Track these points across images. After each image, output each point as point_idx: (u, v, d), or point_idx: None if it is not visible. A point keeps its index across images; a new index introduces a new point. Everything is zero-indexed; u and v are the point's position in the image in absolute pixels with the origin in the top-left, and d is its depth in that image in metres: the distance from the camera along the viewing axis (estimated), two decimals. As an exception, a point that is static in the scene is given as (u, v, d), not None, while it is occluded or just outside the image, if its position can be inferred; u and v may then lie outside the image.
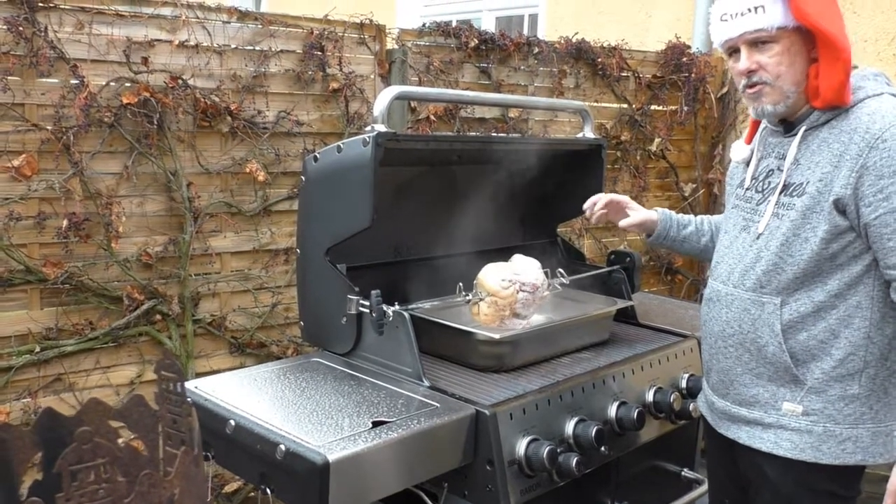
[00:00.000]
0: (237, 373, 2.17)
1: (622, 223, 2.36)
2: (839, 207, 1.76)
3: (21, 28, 2.65)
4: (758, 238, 1.90)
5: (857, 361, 1.81)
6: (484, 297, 2.24)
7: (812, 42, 1.80)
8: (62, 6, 2.75)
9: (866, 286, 1.80)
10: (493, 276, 2.24)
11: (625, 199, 2.38)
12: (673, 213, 2.37)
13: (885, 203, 1.71)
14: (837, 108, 1.80)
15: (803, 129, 1.86)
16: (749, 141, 2.06)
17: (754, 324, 1.89)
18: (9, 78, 2.65)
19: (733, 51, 1.87)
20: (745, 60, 1.83)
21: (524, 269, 2.28)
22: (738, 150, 2.07)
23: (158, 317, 3.06)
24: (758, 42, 1.81)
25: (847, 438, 1.82)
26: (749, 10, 1.78)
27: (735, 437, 1.97)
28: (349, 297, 2.13)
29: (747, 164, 2.04)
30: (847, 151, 1.75)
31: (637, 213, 2.35)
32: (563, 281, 2.45)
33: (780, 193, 1.87)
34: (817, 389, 1.83)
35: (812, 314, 1.82)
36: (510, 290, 2.22)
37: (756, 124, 2.06)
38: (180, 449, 1.00)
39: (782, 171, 1.88)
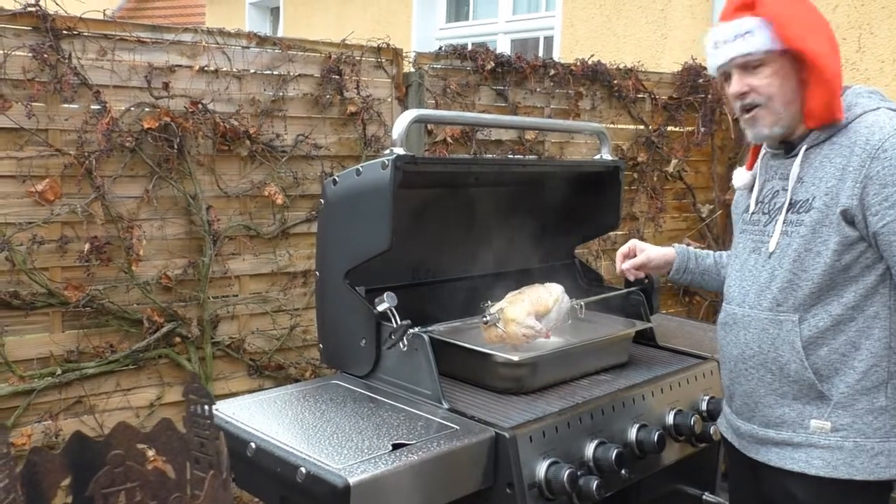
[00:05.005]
0: (257, 395, 2.18)
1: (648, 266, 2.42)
2: (847, 218, 1.78)
3: (46, 55, 2.69)
4: (769, 257, 1.91)
5: (880, 372, 1.81)
6: (500, 327, 2.24)
7: (802, 64, 1.85)
8: (85, 33, 2.80)
9: (882, 296, 1.81)
10: (519, 323, 2.22)
11: (633, 243, 2.45)
12: (690, 248, 2.41)
13: (891, 211, 1.74)
14: (833, 125, 1.84)
15: (804, 148, 1.89)
16: (750, 167, 2.10)
17: (774, 343, 1.88)
18: (33, 104, 2.70)
19: (727, 76, 1.93)
20: (735, 83, 1.90)
21: (551, 316, 2.29)
22: (740, 176, 2.12)
23: (178, 339, 3.08)
24: (748, 66, 1.87)
25: (879, 452, 1.80)
26: (737, 36, 1.86)
27: (765, 460, 1.94)
28: (386, 294, 2.12)
29: (750, 189, 2.07)
30: (850, 164, 1.79)
31: (651, 249, 2.41)
32: (579, 315, 2.46)
33: (787, 211, 1.89)
34: (844, 404, 1.82)
35: (831, 328, 1.82)
36: (523, 338, 2.23)
37: (756, 151, 2.10)
38: (208, 473, 1.00)
39: (787, 190, 1.91)
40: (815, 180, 1.85)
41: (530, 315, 2.24)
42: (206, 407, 1.06)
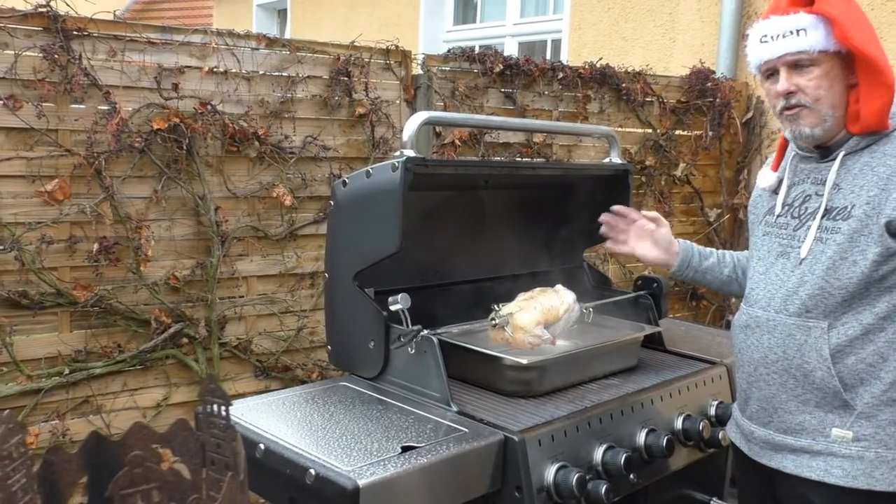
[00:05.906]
0: (265, 396, 2.18)
1: (642, 252, 2.37)
2: (891, 230, 1.75)
3: (56, 56, 2.70)
4: (800, 263, 1.87)
5: None
6: (507, 331, 2.23)
7: (851, 68, 1.81)
8: (96, 34, 2.80)
9: None
10: (527, 332, 2.21)
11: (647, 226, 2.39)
12: (693, 244, 2.36)
13: None
14: (876, 133, 1.81)
15: (842, 153, 1.85)
16: (776, 168, 2.05)
17: (800, 349, 1.85)
18: (44, 104, 2.70)
19: (772, 72, 1.88)
20: (783, 82, 1.84)
21: (559, 324, 2.28)
22: (766, 177, 2.06)
23: (185, 340, 3.08)
24: (797, 64, 1.82)
25: None
26: (791, 32, 1.80)
27: (779, 467, 1.92)
28: (401, 296, 2.12)
29: (774, 191, 2.03)
30: (895, 174, 1.76)
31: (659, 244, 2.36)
32: (586, 320, 2.45)
33: (822, 218, 1.85)
34: (867, 414, 1.80)
35: (860, 337, 1.80)
36: (528, 346, 2.23)
37: (783, 151, 2.05)
38: (226, 475, 1.00)
39: (821, 196, 1.87)
40: (855, 188, 1.81)
41: (539, 325, 2.23)
42: (223, 408, 1.06)
